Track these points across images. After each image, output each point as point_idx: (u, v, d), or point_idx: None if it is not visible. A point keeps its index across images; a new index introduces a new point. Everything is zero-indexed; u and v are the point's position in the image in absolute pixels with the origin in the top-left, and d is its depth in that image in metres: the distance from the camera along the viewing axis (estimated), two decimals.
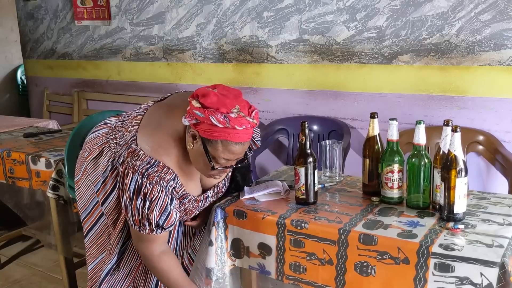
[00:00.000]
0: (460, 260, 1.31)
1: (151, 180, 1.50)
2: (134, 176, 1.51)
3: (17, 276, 2.94)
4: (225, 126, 1.42)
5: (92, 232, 1.77)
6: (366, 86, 2.97)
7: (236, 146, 1.47)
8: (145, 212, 1.52)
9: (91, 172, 1.70)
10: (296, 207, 1.68)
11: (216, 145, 1.46)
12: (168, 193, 1.54)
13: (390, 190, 1.65)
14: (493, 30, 2.53)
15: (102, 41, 4.17)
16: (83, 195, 1.75)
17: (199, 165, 1.55)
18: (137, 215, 1.53)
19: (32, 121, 3.45)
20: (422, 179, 1.60)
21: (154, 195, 1.51)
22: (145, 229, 1.55)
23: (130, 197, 1.52)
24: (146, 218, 1.53)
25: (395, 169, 1.64)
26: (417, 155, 1.60)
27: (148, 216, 1.52)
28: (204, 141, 1.47)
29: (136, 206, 1.52)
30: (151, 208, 1.51)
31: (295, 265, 1.59)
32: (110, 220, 1.71)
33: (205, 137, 1.45)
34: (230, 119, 1.42)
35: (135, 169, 1.51)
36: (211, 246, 1.68)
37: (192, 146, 1.50)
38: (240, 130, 1.45)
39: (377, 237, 1.44)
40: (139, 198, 1.51)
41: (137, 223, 1.55)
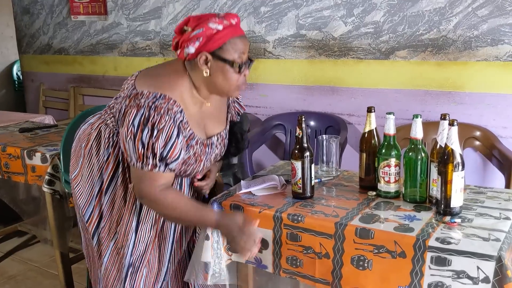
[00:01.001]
0: (457, 254, 1.31)
1: (159, 111, 1.49)
2: (140, 110, 1.49)
3: (13, 272, 2.93)
4: (223, 24, 1.49)
5: (102, 223, 1.72)
6: (363, 82, 2.97)
7: (242, 39, 1.55)
8: (151, 142, 1.48)
9: (92, 157, 1.69)
10: (293, 201, 1.67)
11: (228, 47, 1.51)
12: (175, 124, 1.52)
13: (387, 184, 1.65)
14: (490, 26, 2.53)
15: (99, 36, 4.15)
16: (84, 189, 1.73)
17: (225, 81, 1.56)
18: (141, 149, 1.48)
19: (28, 116, 3.44)
20: (419, 173, 1.60)
21: (162, 124, 1.49)
22: (147, 164, 1.50)
23: (133, 132, 1.48)
24: (151, 149, 1.48)
25: (392, 163, 1.63)
26: (414, 149, 1.60)
27: (153, 146, 1.48)
28: (216, 54, 1.51)
29: (141, 138, 1.48)
30: (157, 137, 1.48)
31: (292, 259, 1.59)
32: (119, 197, 1.68)
33: (215, 49, 1.51)
34: (224, 16, 1.51)
35: (140, 105, 1.50)
36: (208, 240, 1.67)
37: (208, 71, 1.54)
38: (235, 23, 1.53)
39: (374, 231, 1.43)
40: (146, 129, 1.48)
41: (140, 158, 1.49)
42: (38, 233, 2.87)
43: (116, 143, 1.64)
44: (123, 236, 1.70)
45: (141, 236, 1.70)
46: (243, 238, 1.54)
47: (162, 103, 1.50)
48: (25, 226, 3.13)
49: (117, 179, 1.68)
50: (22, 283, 2.81)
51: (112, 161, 1.66)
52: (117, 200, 1.70)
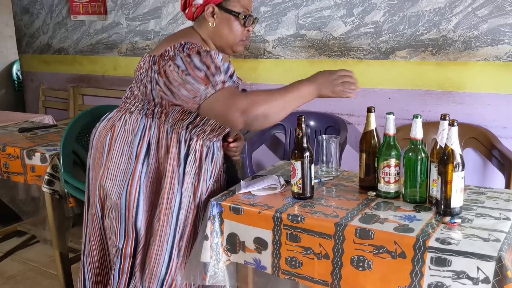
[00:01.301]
0: (457, 254, 1.31)
1: (192, 49, 1.55)
2: (177, 57, 1.53)
3: (12, 272, 2.93)
4: None
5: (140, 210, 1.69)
6: (363, 82, 2.94)
7: None
8: (205, 62, 1.49)
9: (120, 146, 1.69)
10: (293, 201, 1.67)
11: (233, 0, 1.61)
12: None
13: (387, 184, 1.65)
14: (490, 26, 2.53)
15: (98, 36, 4.14)
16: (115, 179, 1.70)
17: (230, 33, 1.64)
18: (201, 71, 1.48)
19: (28, 116, 3.43)
20: (419, 173, 1.59)
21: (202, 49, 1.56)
22: (216, 82, 1.48)
23: (185, 69, 1.49)
24: (213, 64, 1.49)
25: (392, 163, 1.63)
26: (414, 150, 1.59)
27: (210, 63, 1.49)
28: (222, 6, 1.61)
29: (195, 66, 1.49)
30: (207, 57, 1.51)
31: (291, 260, 1.58)
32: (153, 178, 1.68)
33: (221, 0, 1.61)
34: None
35: (172, 55, 1.53)
36: (206, 240, 1.67)
37: (215, 21, 1.63)
38: None
39: (374, 231, 1.43)
40: (196, 57, 1.51)
41: (205, 81, 1.47)
42: (38, 233, 2.86)
43: (146, 126, 1.66)
44: (163, 215, 1.68)
45: (182, 214, 1.70)
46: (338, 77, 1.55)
47: (191, 45, 1.57)
48: (24, 226, 3.13)
49: (150, 162, 1.68)
50: (22, 283, 2.80)
51: (144, 145, 1.67)
52: (154, 183, 1.69)
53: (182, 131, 1.67)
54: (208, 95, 1.48)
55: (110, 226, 1.76)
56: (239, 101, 1.47)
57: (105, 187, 1.73)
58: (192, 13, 1.68)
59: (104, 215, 1.79)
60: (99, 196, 1.77)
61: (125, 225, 1.71)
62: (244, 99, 1.49)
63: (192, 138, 1.69)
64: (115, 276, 1.74)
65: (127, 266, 1.72)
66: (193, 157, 1.69)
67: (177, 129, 1.67)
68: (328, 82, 1.55)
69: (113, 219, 1.74)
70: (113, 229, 1.75)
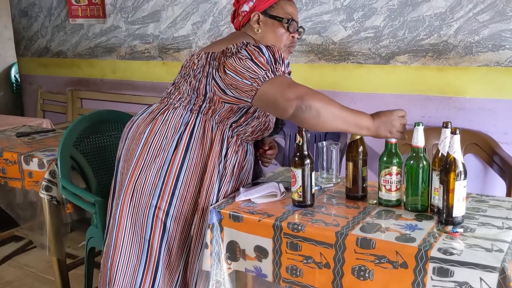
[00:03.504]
0: (459, 265, 1.29)
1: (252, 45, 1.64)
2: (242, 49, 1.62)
3: (9, 277, 2.90)
4: None
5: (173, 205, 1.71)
6: (363, 87, 2.95)
7: (291, 3, 1.77)
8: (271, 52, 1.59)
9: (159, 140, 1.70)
10: (293, 209, 1.65)
11: (277, 6, 1.72)
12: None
13: (388, 192, 1.63)
14: (492, 31, 2.52)
15: (97, 39, 4.13)
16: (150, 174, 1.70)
17: (275, 38, 1.73)
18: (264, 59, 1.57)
19: (25, 120, 3.41)
20: (420, 181, 1.58)
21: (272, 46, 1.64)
22: (277, 69, 1.59)
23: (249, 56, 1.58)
24: (277, 55, 1.59)
25: (393, 171, 1.62)
26: (416, 158, 1.58)
27: (276, 54, 1.59)
28: (266, 12, 1.72)
29: (260, 53, 1.58)
30: (264, 52, 1.60)
31: (292, 268, 1.57)
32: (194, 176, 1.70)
33: (266, 8, 1.72)
34: None
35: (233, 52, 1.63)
36: (206, 249, 1.65)
37: (261, 28, 1.72)
38: None
39: (375, 241, 1.41)
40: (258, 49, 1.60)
41: (267, 67, 1.57)
42: (35, 238, 2.84)
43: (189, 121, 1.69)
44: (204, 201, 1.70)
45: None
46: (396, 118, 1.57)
47: (254, 45, 1.65)
48: (22, 231, 3.11)
49: (192, 156, 1.70)
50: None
51: (186, 138, 1.69)
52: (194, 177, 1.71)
53: (226, 129, 1.73)
54: (267, 79, 1.56)
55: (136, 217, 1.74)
56: (299, 87, 1.53)
57: (140, 184, 1.71)
58: (239, 22, 1.78)
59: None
60: (127, 186, 1.75)
61: (153, 216, 1.71)
62: (305, 87, 1.54)
63: (233, 137, 1.75)
64: (140, 270, 1.72)
65: (153, 261, 1.71)
66: (232, 154, 1.75)
67: (222, 127, 1.72)
68: (387, 123, 1.58)
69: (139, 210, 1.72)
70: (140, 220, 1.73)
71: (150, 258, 1.73)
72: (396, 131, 1.59)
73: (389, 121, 1.57)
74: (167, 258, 1.74)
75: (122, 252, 1.76)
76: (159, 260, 1.73)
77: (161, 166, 1.70)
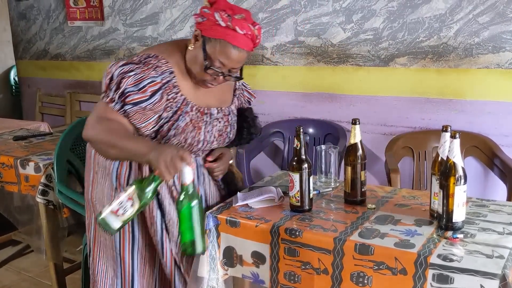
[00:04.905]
0: (460, 272, 1.27)
1: (147, 65, 1.54)
2: (128, 61, 1.55)
3: (6, 282, 2.88)
4: (227, 24, 1.49)
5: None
6: (363, 89, 2.93)
7: (233, 50, 1.52)
8: (121, 76, 1.51)
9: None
10: (291, 214, 1.63)
11: (215, 44, 1.51)
12: (158, 83, 1.53)
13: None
14: (492, 33, 2.50)
15: (95, 41, 4.11)
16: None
17: (196, 66, 1.57)
18: (108, 79, 1.52)
19: (23, 123, 3.39)
20: (195, 222, 1.44)
21: (143, 73, 1.52)
22: (107, 96, 1.52)
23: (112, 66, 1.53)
24: (118, 81, 1.51)
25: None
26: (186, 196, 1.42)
27: (121, 80, 1.50)
28: (204, 39, 1.53)
29: (117, 70, 1.52)
30: (129, 76, 1.51)
31: (289, 274, 1.54)
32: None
33: (206, 35, 1.52)
34: (233, 19, 1.50)
35: (132, 60, 1.56)
36: (203, 254, 1.63)
37: (193, 47, 1.56)
38: (240, 34, 1.51)
39: (374, 247, 1.39)
40: (126, 67, 1.52)
41: (106, 87, 1.53)
42: (32, 242, 2.82)
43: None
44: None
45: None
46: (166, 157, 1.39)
47: (152, 60, 1.56)
48: (19, 235, 3.09)
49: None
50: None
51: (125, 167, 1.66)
52: None
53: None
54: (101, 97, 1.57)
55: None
56: (90, 117, 1.56)
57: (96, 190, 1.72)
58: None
59: None
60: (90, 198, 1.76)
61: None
62: (93, 119, 1.55)
63: None
64: (117, 282, 1.73)
65: (128, 272, 1.71)
66: None
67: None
68: (163, 154, 1.40)
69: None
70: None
71: (124, 269, 1.71)
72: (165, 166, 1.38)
73: (165, 151, 1.40)
74: (142, 267, 1.72)
75: (100, 264, 1.78)
76: (133, 271, 1.71)
77: (111, 177, 1.66)
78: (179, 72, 1.60)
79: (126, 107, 1.51)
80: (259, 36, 1.57)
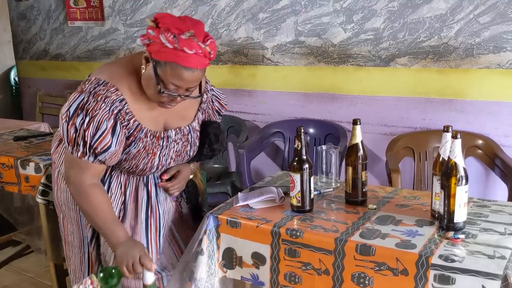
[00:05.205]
0: (461, 272, 1.27)
1: (97, 97, 1.48)
2: (81, 95, 1.50)
3: (7, 282, 2.88)
4: (174, 46, 1.39)
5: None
6: (363, 89, 2.93)
7: (185, 71, 1.42)
8: (82, 129, 1.48)
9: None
10: (292, 215, 1.63)
11: (165, 67, 1.42)
12: (112, 114, 1.49)
13: None
14: (493, 33, 2.49)
15: (95, 42, 4.11)
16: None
17: (150, 90, 1.50)
18: (73, 133, 1.49)
19: (23, 124, 3.39)
20: None
21: (96, 112, 1.48)
22: (78, 151, 1.50)
23: (69, 116, 1.49)
24: (82, 135, 1.48)
25: None
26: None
27: (84, 133, 1.48)
28: (154, 62, 1.44)
29: (75, 123, 1.48)
30: (88, 125, 1.47)
31: (290, 275, 1.54)
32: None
33: (155, 58, 1.43)
34: (180, 40, 1.39)
35: (83, 90, 1.51)
36: (202, 255, 1.62)
37: (145, 69, 1.48)
38: (189, 53, 1.40)
39: (375, 247, 1.39)
40: (80, 115, 1.48)
41: (72, 142, 1.50)
42: (32, 243, 2.82)
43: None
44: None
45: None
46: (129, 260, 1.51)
47: (101, 89, 1.49)
48: (19, 235, 3.08)
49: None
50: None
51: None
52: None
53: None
54: (67, 149, 1.55)
55: None
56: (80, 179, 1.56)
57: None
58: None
59: None
60: None
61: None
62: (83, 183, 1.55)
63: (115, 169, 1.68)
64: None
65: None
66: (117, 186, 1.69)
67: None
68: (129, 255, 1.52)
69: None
70: None
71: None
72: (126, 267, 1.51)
73: (130, 253, 1.51)
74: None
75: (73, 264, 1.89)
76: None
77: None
78: (131, 97, 1.53)
79: (100, 157, 1.52)
80: (213, 51, 1.46)
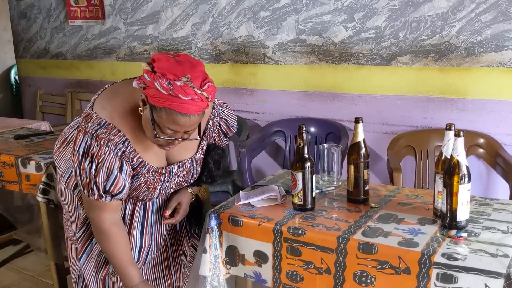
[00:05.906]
0: (464, 271, 1.26)
1: (99, 141, 1.47)
2: (84, 138, 1.48)
3: (7, 281, 2.87)
4: (169, 93, 1.35)
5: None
6: (364, 88, 2.92)
7: (181, 117, 1.39)
8: (92, 174, 1.48)
9: (59, 160, 1.78)
10: (293, 213, 1.62)
11: (161, 112, 1.39)
12: (116, 156, 1.49)
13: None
14: (494, 31, 2.48)
15: (96, 40, 4.10)
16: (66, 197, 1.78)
17: (149, 132, 1.48)
18: (85, 178, 1.49)
19: (24, 122, 3.38)
20: None
21: (101, 157, 1.47)
22: (93, 194, 1.50)
23: (79, 159, 1.48)
24: (93, 181, 1.48)
25: None
26: None
27: (95, 179, 1.48)
28: (150, 107, 1.41)
29: (85, 168, 1.48)
30: (98, 171, 1.47)
31: (292, 274, 1.54)
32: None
33: (151, 103, 1.40)
34: (174, 87, 1.35)
35: (86, 131, 1.49)
36: (205, 253, 1.62)
37: (143, 112, 1.46)
38: (185, 100, 1.36)
39: (377, 246, 1.38)
40: (87, 160, 1.48)
41: (86, 187, 1.50)
42: (32, 242, 2.81)
43: None
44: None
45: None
46: None
47: (103, 133, 1.47)
48: (20, 234, 3.07)
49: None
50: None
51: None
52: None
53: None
54: (83, 193, 1.55)
55: None
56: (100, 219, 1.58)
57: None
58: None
59: None
60: None
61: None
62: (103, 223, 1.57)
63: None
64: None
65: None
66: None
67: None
68: None
69: None
70: None
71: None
72: None
73: None
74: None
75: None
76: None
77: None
78: (134, 137, 1.52)
79: (117, 196, 1.53)
80: (211, 95, 1.41)
